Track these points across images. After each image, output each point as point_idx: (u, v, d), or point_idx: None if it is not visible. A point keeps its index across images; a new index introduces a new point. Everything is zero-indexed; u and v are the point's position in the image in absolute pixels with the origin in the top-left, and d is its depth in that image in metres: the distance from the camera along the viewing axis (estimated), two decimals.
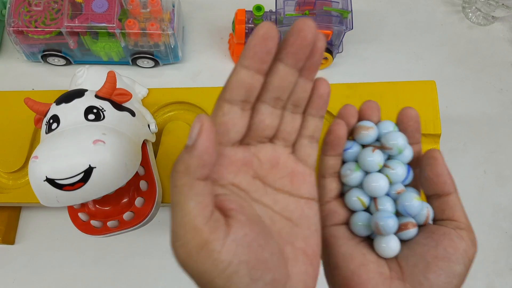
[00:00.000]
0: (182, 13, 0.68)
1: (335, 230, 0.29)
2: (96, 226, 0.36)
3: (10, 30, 0.58)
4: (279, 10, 0.59)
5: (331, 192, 0.30)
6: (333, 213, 0.29)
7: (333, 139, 0.29)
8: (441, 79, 0.44)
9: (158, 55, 0.64)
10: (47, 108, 0.35)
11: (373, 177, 0.28)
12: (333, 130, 0.29)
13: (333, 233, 0.29)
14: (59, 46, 0.62)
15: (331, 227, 0.29)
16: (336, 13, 0.59)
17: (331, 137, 0.29)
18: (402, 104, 0.41)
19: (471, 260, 0.28)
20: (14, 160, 0.44)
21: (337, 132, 0.29)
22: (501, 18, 0.70)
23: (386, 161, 0.29)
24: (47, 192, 0.31)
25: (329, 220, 0.29)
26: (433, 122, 0.40)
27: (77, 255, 0.59)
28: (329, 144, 0.29)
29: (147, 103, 0.43)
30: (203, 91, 0.44)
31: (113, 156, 0.31)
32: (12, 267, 0.59)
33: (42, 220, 0.61)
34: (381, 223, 0.27)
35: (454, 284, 0.27)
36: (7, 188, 0.45)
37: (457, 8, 0.72)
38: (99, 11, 0.58)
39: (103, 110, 0.34)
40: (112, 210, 0.36)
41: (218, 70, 0.68)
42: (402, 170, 0.28)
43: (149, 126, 0.40)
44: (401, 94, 0.41)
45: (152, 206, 0.36)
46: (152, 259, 0.59)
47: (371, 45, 0.69)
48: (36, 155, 0.31)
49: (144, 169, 0.38)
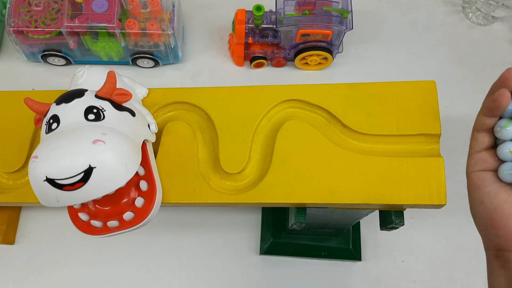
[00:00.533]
0: (182, 13, 0.68)
1: (483, 174, 0.33)
2: (96, 226, 0.36)
3: (10, 30, 0.58)
4: (279, 10, 0.59)
5: (483, 144, 0.34)
6: (482, 161, 0.33)
7: (494, 106, 0.31)
8: (441, 79, 0.44)
9: (158, 55, 0.64)
10: (47, 108, 0.35)
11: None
12: (496, 100, 0.31)
13: (481, 176, 0.33)
14: (59, 46, 0.62)
15: (479, 172, 0.33)
16: (336, 13, 0.59)
17: (492, 104, 0.31)
18: (402, 104, 0.41)
19: None
20: (14, 160, 0.44)
21: (499, 102, 0.31)
22: (501, 18, 0.70)
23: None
24: (47, 192, 0.31)
25: (478, 166, 0.34)
26: (433, 122, 0.40)
27: (77, 255, 0.59)
28: (488, 109, 0.32)
29: (147, 103, 0.43)
30: (203, 91, 0.44)
31: (113, 156, 0.31)
32: (12, 267, 0.59)
33: (42, 220, 0.61)
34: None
35: None
36: (7, 188, 0.45)
37: (457, 8, 0.72)
38: (99, 11, 0.58)
39: (103, 110, 0.34)
40: (112, 210, 0.36)
41: (218, 70, 0.68)
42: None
43: (149, 126, 0.40)
44: (401, 94, 0.41)
45: (152, 206, 0.36)
46: (152, 259, 0.59)
47: (371, 45, 0.69)
48: (36, 155, 0.31)
49: (144, 169, 0.38)
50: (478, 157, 0.34)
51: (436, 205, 0.38)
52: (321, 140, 0.40)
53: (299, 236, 0.59)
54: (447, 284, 0.58)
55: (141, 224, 0.36)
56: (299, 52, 0.63)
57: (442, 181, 0.38)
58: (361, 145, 0.41)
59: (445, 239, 0.60)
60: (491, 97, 0.32)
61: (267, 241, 0.59)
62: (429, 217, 0.61)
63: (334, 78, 0.67)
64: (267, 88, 0.43)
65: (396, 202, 0.38)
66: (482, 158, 0.34)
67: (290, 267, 0.59)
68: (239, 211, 0.62)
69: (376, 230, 0.60)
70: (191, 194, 0.40)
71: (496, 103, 0.31)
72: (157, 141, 0.42)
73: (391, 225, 0.41)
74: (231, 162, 0.41)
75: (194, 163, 0.41)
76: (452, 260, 0.59)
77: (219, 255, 0.60)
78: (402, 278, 0.59)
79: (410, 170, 0.38)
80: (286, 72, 0.67)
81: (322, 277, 0.59)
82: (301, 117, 0.43)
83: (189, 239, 0.60)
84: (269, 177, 0.40)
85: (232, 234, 0.60)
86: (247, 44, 0.63)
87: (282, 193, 0.39)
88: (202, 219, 0.61)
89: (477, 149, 0.34)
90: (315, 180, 0.39)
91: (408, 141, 0.40)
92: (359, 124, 0.41)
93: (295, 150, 0.40)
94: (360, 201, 0.38)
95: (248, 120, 0.42)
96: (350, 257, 0.59)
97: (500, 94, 0.31)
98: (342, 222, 0.51)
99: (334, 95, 0.42)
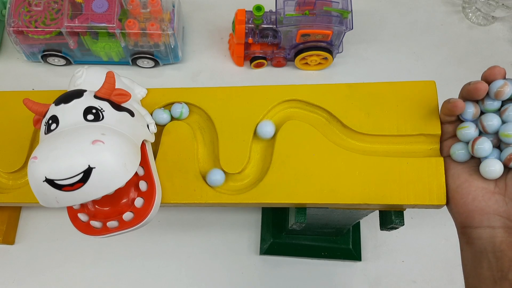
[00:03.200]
0: (182, 13, 0.68)
1: (448, 159, 0.38)
2: (95, 227, 0.36)
3: (10, 30, 0.58)
4: (279, 10, 0.59)
5: (448, 134, 0.38)
6: (448, 148, 0.38)
7: (452, 111, 0.36)
8: (441, 79, 0.44)
9: (158, 55, 0.64)
10: (46, 109, 0.35)
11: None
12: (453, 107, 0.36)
13: (447, 161, 0.38)
14: (59, 46, 0.62)
15: (447, 157, 0.38)
16: (336, 13, 0.59)
17: (451, 109, 0.36)
18: (402, 104, 0.41)
19: None
20: (14, 160, 0.44)
21: (455, 110, 0.36)
22: (501, 18, 0.70)
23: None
24: (46, 193, 0.31)
25: (445, 152, 0.38)
26: (433, 122, 0.40)
27: (77, 255, 0.59)
28: (447, 112, 0.37)
29: (147, 103, 0.43)
30: (203, 91, 0.43)
31: (113, 156, 0.31)
32: (12, 267, 0.59)
33: (42, 220, 0.61)
34: (478, 147, 0.34)
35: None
36: (7, 188, 0.44)
37: (457, 8, 0.72)
38: (99, 11, 0.58)
39: (102, 111, 0.34)
40: (112, 211, 0.36)
41: (218, 70, 0.68)
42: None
43: (148, 126, 0.40)
44: (401, 94, 0.41)
45: (152, 206, 0.36)
46: (152, 259, 0.59)
47: (371, 45, 0.69)
48: (35, 156, 0.31)
49: (144, 169, 0.38)
50: (445, 144, 0.39)
51: (436, 205, 0.38)
52: (321, 140, 0.40)
53: (299, 236, 0.59)
54: (447, 284, 0.58)
55: (141, 225, 0.36)
56: (299, 52, 0.63)
57: (442, 181, 0.38)
58: (361, 145, 0.41)
59: (445, 239, 0.60)
60: (449, 104, 0.36)
61: (267, 241, 0.59)
62: (429, 217, 0.61)
63: (334, 78, 0.67)
64: (267, 88, 0.43)
65: (396, 202, 0.38)
66: (449, 144, 0.38)
67: (290, 267, 0.59)
68: (239, 211, 0.62)
69: (376, 230, 0.60)
70: (191, 194, 0.40)
71: (453, 111, 0.36)
72: (157, 141, 0.42)
73: (391, 225, 0.41)
74: (231, 162, 0.41)
75: (194, 163, 0.41)
76: (452, 260, 0.59)
77: (219, 255, 0.60)
78: (402, 278, 0.59)
79: (410, 170, 0.38)
80: (286, 72, 0.67)
81: (322, 277, 0.59)
82: (301, 117, 0.43)
83: (189, 239, 0.60)
84: (269, 177, 0.40)
85: (232, 234, 0.60)
86: (247, 44, 0.63)
87: (282, 193, 0.39)
88: (202, 219, 0.61)
89: (445, 138, 0.39)
90: (315, 180, 0.39)
91: (408, 141, 0.40)
92: (359, 124, 0.41)
93: (295, 150, 0.40)
94: (360, 201, 0.38)
95: (248, 120, 0.42)
96: (350, 257, 0.59)
97: (456, 103, 0.35)
98: (342, 222, 0.51)
99: (334, 95, 0.42)
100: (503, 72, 0.35)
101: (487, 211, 0.34)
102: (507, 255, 0.32)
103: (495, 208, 0.34)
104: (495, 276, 0.32)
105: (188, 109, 0.43)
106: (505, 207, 0.34)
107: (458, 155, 0.36)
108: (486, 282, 0.33)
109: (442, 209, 0.39)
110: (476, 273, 0.33)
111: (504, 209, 0.33)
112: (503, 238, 0.33)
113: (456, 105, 0.35)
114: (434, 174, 0.38)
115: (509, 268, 0.32)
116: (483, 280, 0.33)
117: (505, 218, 0.33)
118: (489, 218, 0.34)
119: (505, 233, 0.33)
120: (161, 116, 0.42)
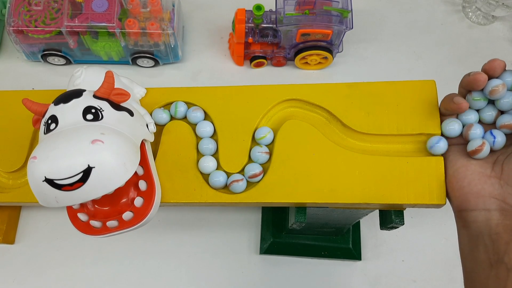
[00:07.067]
0: (182, 13, 0.68)
1: (451, 147, 0.38)
2: (95, 226, 0.36)
3: (10, 29, 0.58)
4: (279, 9, 0.59)
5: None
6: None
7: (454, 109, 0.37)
8: (441, 79, 0.44)
9: (158, 54, 0.64)
10: (45, 109, 0.35)
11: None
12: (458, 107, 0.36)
13: (450, 149, 0.38)
14: (59, 45, 0.62)
15: (449, 146, 0.38)
16: (336, 13, 0.59)
17: (453, 106, 0.37)
18: (402, 103, 0.41)
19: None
20: (14, 160, 0.44)
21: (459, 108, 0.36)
22: (501, 18, 0.70)
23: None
24: (46, 193, 0.31)
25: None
26: (433, 122, 0.40)
27: (77, 254, 0.59)
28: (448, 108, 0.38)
29: (147, 102, 0.43)
30: (203, 90, 0.43)
31: (112, 156, 0.31)
32: (12, 267, 0.59)
33: (42, 220, 0.61)
34: None
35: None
36: (7, 188, 0.45)
37: (457, 7, 0.72)
38: (99, 11, 0.58)
39: (101, 110, 0.34)
40: (112, 210, 0.36)
41: (218, 69, 0.68)
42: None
43: (148, 126, 0.39)
44: (401, 93, 0.41)
45: (152, 206, 0.36)
46: (152, 258, 0.59)
47: (371, 45, 0.69)
48: (35, 156, 0.30)
49: (143, 169, 0.38)
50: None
51: (436, 205, 0.38)
52: (321, 139, 0.40)
53: (299, 236, 0.59)
54: (447, 284, 0.58)
55: (141, 224, 0.36)
56: (299, 51, 0.63)
57: (442, 180, 0.38)
58: (361, 144, 0.41)
59: (445, 238, 0.60)
60: (453, 103, 0.36)
61: (267, 241, 0.59)
62: (429, 217, 0.61)
63: (334, 77, 0.67)
64: (267, 87, 0.43)
65: (396, 201, 0.38)
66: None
67: (290, 267, 0.59)
68: (239, 211, 0.62)
69: (376, 230, 0.60)
70: (191, 193, 0.40)
71: (456, 111, 0.37)
72: (157, 141, 0.42)
73: (391, 225, 0.41)
74: (231, 162, 0.41)
75: (194, 162, 0.41)
76: (452, 259, 0.59)
77: (219, 254, 0.60)
78: (402, 277, 0.59)
79: (410, 169, 0.38)
80: (286, 72, 0.67)
81: (322, 277, 0.59)
82: (301, 116, 0.43)
83: (189, 238, 0.60)
84: (269, 176, 0.40)
85: (232, 233, 0.60)
86: (247, 43, 0.63)
87: (282, 193, 0.39)
88: (202, 219, 0.61)
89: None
90: (315, 179, 0.39)
91: (408, 141, 0.40)
92: (359, 124, 0.40)
93: (295, 149, 0.40)
94: (360, 201, 0.38)
95: (248, 120, 0.42)
96: (350, 256, 0.59)
97: (461, 104, 0.36)
98: (342, 221, 0.51)
99: (334, 95, 0.42)
100: (503, 65, 0.35)
101: (483, 194, 0.34)
102: (502, 238, 0.32)
103: (491, 191, 0.34)
104: (491, 259, 0.32)
105: (187, 107, 0.43)
106: (500, 190, 0.34)
107: (448, 131, 0.38)
108: (483, 265, 0.33)
109: (442, 208, 0.39)
110: (473, 256, 0.34)
111: (499, 192, 0.34)
112: (499, 220, 0.33)
113: (461, 106, 0.36)
114: (434, 173, 0.38)
115: (505, 251, 0.32)
116: (479, 263, 0.33)
117: (501, 201, 0.34)
118: (485, 200, 0.34)
119: (500, 216, 0.33)
120: (161, 115, 0.42)
